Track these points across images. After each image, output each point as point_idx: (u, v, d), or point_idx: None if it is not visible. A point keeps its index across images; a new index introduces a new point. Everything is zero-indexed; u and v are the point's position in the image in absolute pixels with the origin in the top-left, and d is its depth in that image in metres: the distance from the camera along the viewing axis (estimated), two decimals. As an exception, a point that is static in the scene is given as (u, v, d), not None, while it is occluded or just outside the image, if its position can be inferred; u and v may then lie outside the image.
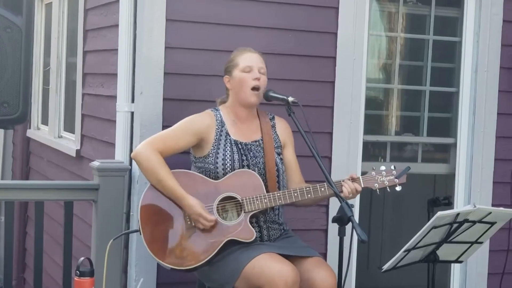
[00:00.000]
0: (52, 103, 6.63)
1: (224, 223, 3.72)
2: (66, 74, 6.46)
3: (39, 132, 7.31)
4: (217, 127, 3.84)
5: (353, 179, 3.77)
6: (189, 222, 3.71)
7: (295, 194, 3.73)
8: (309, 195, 3.74)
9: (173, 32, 4.29)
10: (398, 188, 3.81)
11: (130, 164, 4.33)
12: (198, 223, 3.70)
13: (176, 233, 3.71)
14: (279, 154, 3.93)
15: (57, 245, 5.58)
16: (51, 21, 6.73)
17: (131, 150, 4.34)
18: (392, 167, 3.81)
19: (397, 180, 3.80)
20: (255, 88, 3.83)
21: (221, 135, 3.84)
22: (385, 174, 3.79)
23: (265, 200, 3.72)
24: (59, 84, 6.54)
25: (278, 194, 3.73)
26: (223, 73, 3.94)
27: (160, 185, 3.73)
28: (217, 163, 3.78)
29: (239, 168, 3.78)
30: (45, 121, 7.11)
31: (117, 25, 4.50)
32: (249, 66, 3.85)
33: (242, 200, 3.72)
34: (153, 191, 3.76)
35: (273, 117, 4.02)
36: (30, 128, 7.53)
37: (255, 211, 3.72)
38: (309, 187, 3.74)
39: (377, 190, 3.80)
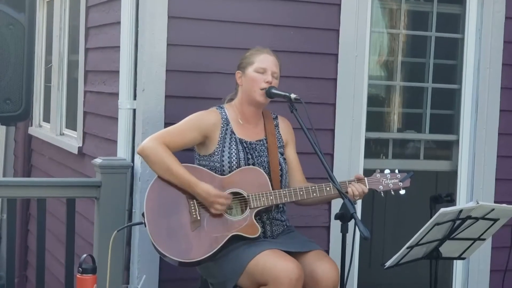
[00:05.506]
0: (54, 101, 6.63)
1: (229, 218, 3.71)
2: (68, 71, 6.46)
3: (41, 130, 7.31)
4: (222, 125, 3.83)
5: (358, 180, 3.79)
6: (194, 216, 3.70)
7: (301, 193, 3.74)
8: (314, 194, 3.74)
9: (175, 29, 4.29)
10: (402, 192, 3.83)
11: (132, 161, 4.33)
12: (215, 205, 3.66)
13: (181, 226, 3.68)
14: (282, 154, 3.92)
15: (59, 243, 5.59)
16: (53, 18, 6.73)
17: (133, 147, 4.34)
18: (396, 171, 3.85)
19: (401, 183, 3.82)
20: (264, 89, 3.83)
21: (226, 133, 3.83)
22: (390, 177, 3.83)
23: (271, 197, 3.72)
24: (61, 82, 6.54)
25: (284, 192, 3.73)
26: (236, 68, 3.92)
27: (170, 174, 3.70)
28: (223, 161, 3.77)
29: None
30: (47, 118, 7.12)
31: (119, 22, 4.49)
32: (263, 68, 3.83)
33: (248, 196, 3.72)
34: (159, 183, 3.74)
35: (276, 117, 4.02)
36: (31, 125, 7.53)
37: (260, 208, 3.72)
38: (315, 186, 3.75)
39: (381, 192, 3.83)
